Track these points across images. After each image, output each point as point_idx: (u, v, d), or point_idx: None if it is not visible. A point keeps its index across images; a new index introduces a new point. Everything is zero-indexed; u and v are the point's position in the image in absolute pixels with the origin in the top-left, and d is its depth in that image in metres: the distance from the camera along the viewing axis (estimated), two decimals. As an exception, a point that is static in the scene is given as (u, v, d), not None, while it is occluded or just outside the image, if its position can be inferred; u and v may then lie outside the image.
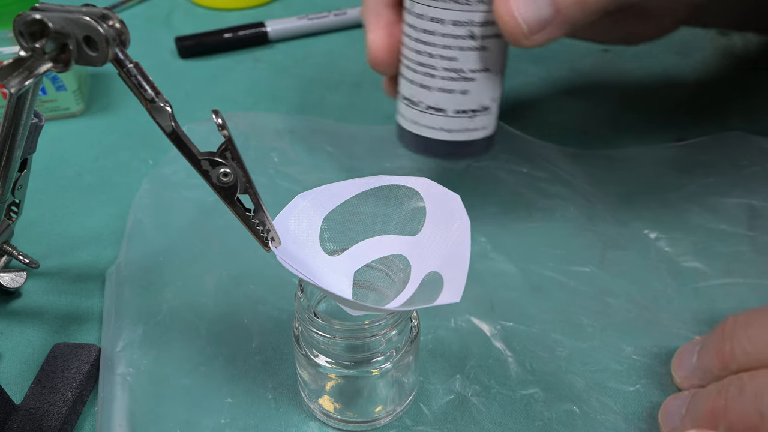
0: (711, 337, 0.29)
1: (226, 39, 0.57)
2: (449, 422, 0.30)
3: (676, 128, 0.47)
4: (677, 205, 0.41)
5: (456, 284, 0.25)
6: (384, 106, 0.51)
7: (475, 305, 0.35)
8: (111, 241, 0.40)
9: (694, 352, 0.30)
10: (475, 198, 0.41)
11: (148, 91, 0.23)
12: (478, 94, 0.35)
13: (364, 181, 0.29)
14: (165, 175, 0.43)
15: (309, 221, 0.28)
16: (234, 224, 0.27)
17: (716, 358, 0.28)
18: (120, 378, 0.31)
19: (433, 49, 0.34)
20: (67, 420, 0.30)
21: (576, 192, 0.42)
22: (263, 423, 0.30)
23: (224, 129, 0.23)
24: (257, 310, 0.35)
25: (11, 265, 0.37)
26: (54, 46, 0.23)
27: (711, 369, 0.28)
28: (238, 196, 0.25)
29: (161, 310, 0.35)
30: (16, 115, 0.27)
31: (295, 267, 0.25)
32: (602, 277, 0.37)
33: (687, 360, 0.30)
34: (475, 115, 0.35)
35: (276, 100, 0.52)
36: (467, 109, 0.35)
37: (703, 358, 0.29)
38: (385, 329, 0.27)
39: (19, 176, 0.31)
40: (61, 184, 0.44)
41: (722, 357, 0.27)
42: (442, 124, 0.36)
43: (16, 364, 0.33)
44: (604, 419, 0.30)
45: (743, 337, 0.27)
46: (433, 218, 0.28)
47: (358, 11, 0.60)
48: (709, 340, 0.29)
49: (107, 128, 0.49)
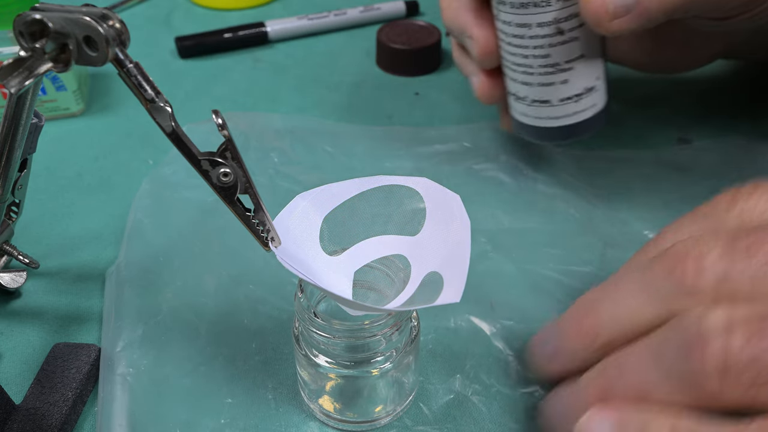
0: (565, 319, 0.28)
1: (226, 39, 0.57)
2: (449, 422, 0.30)
3: (678, 129, 0.47)
4: (677, 206, 0.41)
5: (456, 284, 0.25)
6: (384, 106, 0.51)
7: (475, 305, 0.35)
8: (111, 241, 0.40)
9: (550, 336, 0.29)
10: (475, 197, 0.41)
11: (148, 91, 0.23)
12: (578, 80, 0.36)
13: (364, 181, 0.29)
14: (165, 175, 0.43)
15: (309, 221, 0.28)
16: (234, 224, 0.27)
17: (577, 337, 0.27)
18: (120, 378, 0.31)
19: (526, 50, 0.35)
20: (67, 420, 0.30)
21: (576, 192, 0.42)
22: (263, 423, 0.30)
23: (224, 129, 0.23)
24: (257, 310, 0.35)
25: (11, 265, 0.37)
26: (54, 46, 0.23)
27: (574, 350, 0.27)
28: (238, 196, 0.25)
29: (161, 310, 0.35)
30: (16, 115, 0.27)
31: (295, 267, 0.25)
32: (602, 277, 0.36)
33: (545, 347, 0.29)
34: (580, 99, 0.36)
35: (276, 100, 0.52)
36: (571, 95, 0.36)
37: (562, 341, 0.28)
38: (385, 329, 0.27)
39: (19, 176, 0.31)
40: (61, 184, 0.44)
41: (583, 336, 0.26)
42: (548, 113, 0.37)
43: (16, 364, 0.33)
44: (604, 419, 0.30)
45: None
46: (433, 218, 0.28)
47: (358, 11, 0.60)
48: (564, 322, 0.28)
49: (107, 128, 0.49)
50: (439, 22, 0.57)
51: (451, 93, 0.52)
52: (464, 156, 0.45)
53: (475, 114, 0.49)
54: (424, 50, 0.54)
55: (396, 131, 0.47)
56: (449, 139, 0.46)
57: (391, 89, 0.53)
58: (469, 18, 0.38)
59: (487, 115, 0.48)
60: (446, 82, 0.54)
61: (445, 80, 0.54)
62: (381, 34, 0.55)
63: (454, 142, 0.46)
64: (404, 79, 0.54)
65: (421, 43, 0.53)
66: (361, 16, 0.60)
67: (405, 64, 0.54)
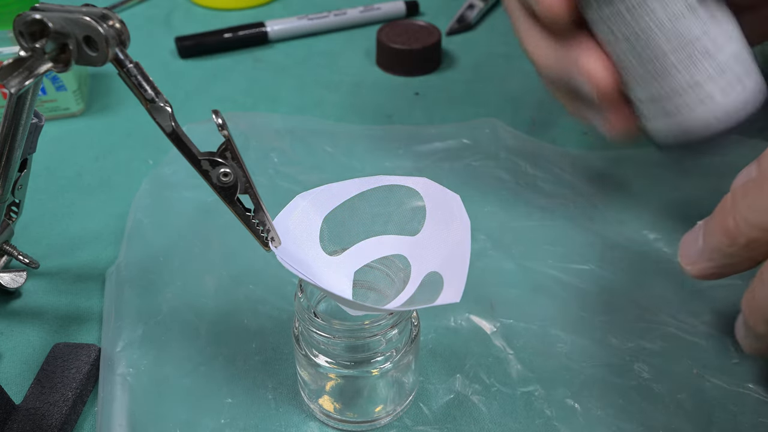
0: (713, 217, 0.28)
1: (226, 39, 0.57)
2: (449, 422, 0.30)
3: (676, 128, 0.47)
4: (677, 205, 0.41)
5: (456, 284, 0.25)
6: (384, 106, 0.51)
7: (474, 303, 0.35)
8: (111, 241, 0.40)
9: (698, 235, 0.29)
10: (475, 196, 0.41)
11: (148, 91, 0.23)
12: None
13: (364, 181, 0.29)
14: (165, 175, 0.43)
15: (309, 221, 0.28)
16: (234, 224, 0.27)
17: (722, 234, 0.27)
18: (120, 378, 0.31)
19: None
20: (67, 420, 0.30)
21: (576, 191, 0.42)
22: (263, 423, 0.30)
23: (224, 129, 0.23)
24: (257, 310, 0.35)
25: (11, 265, 0.37)
26: (54, 46, 0.23)
27: (719, 247, 0.27)
28: (238, 196, 0.25)
29: (161, 310, 0.35)
30: (16, 115, 0.27)
31: (295, 267, 0.25)
32: (602, 276, 0.37)
33: (693, 246, 0.29)
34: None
35: (276, 100, 0.52)
36: None
37: (709, 238, 0.28)
38: (385, 329, 0.27)
39: (19, 176, 0.31)
40: (61, 184, 0.44)
41: (728, 233, 0.26)
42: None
43: (16, 364, 0.33)
44: (604, 414, 0.30)
45: (744, 207, 0.26)
46: (433, 218, 0.28)
47: (358, 11, 0.60)
48: (711, 221, 0.28)
49: (107, 128, 0.49)
50: (439, 22, 0.57)
51: (451, 93, 0.52)
52: (463, 153, 0.45)
53: (475, 114, 0.49)
54: (424, 50, 0.54)
55: (396, 131, 0.47)
56: (448, 137, 0.46)
57: (391, 89, 0.53)
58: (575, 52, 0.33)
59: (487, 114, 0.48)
60: (446, 82, 0.54)
61: (445, 80, 0.54)
62: (381, 34, 0.55)
63: (453, 140, 0.46)
64: (404, 79, 0.54)
65: (421, 43, 0.53)
66: (361, 16, 0.60)
67: (405, 64, 0.54)
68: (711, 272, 0.28)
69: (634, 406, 0.31)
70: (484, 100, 0.51)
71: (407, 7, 0.61)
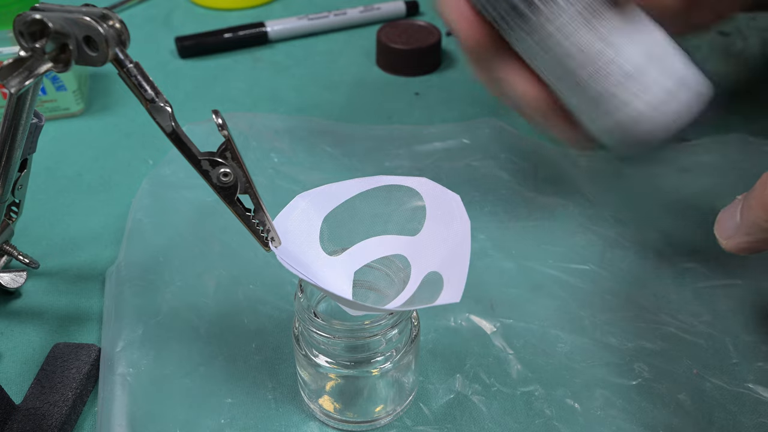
0: (752, 192, 0.28)
1: (226, 39, 0.57)
2: (449, 422, 0.30)
3: (676, 128, 0.47)
4: (677, 205, 0.41)
5: (456, 284, 0.25)
6: (384, 106, 0.51)
7: (474, 303, 0.35)
8: (111, 241, 0.40)
9: (736, 211, 0.29)
10: (474, 196, 0.41)
11: (148, 91, 0.23)
12: None
13: (364, 181, 0.29)
14: (165, 175, 0.43)
15: (309, 221, 0.28)
16: (234, 224, 0.27)
17: (761, 209, 0.27)
18: (120, 378, 0.31)
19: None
20: (67, 420, 0.30)
21: (576, 191, 0.42)
22: (263, 423, 0.30)
23: (224, 129, 0.23)
24: (257, 310, 0.35)
25: (11, 265, 0.37)
26: (54, 46, 0.23)
27: (757, 222, 0.27)
28: (238, 196, 0.25)
29: (161, 310, 0.35)
30: (16, 115, 0.27)
31: (295, 267, 0.25)
32: (602, 275, 0.37)
33: (730, 221, 0.29)
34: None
35: (276, 100, 0.52)
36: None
37: (747, 213, 0.28)
38: (385, 329, 0.27)
39: (19, 176, 0.31)
40: (61, 184, 0.44)
41: (767, 207, 0.27)
42: None
43: (16, 364, 0.33)
44: (605, 414, 0.30)
45: None
46: (433, 218, 0.28)
47: (358, 11, 0.60)
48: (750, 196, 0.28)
49: (107, 128, 0.49)
50: (439, 22, 0.57)
51: (450, 93, 0.52)
52: (463, 153, 0.45)
53: (475, 114, 0.49)
54: (424, 50, 0.54)
55: (396, 131, 0.47)
56: (448, 137, 0.46)
57: (391, 89, 0.53)
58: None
59: (487, 113, 0.48)
60: (446, 82, 0.54)
61: (445, 80, 0.54)
62: (381, 34, 0.55)
63: (453, 140, 0.46)
64: (404, 79, 0.54)
65: (421, 43, 0.53)
66: (361, 16, 0.60)
67: (405, 64, 0.54)
68: (747, 246, 0.28)
69: (634, 406, 0.31)
70: (484, 100, 0.51)
71: (407, 7, 0.61)
